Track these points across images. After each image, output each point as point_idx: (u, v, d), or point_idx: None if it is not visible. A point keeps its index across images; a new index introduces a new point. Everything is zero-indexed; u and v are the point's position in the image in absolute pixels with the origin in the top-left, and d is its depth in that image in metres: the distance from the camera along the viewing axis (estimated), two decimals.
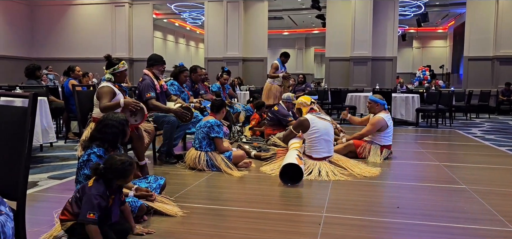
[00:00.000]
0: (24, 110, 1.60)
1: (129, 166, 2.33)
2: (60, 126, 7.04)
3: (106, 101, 3.57)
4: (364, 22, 13.14)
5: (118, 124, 2.75)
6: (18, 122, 1.61)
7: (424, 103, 9.79)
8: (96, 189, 2.24)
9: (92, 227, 2.16)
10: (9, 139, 1.63)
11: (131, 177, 2.38)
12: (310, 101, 4.59)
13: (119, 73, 3.82)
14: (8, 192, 1.59)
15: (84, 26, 15.04)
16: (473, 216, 2.94)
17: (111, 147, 2.80)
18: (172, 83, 5.40)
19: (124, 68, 3.84)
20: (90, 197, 2.20)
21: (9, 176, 1.60)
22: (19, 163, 1.56)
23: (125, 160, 2.32)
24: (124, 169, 2.30)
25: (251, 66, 14.34)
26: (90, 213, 2.17)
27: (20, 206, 1.58)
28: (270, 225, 2.72)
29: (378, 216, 2.93)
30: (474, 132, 8.07)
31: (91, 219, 2.16)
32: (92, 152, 2.71)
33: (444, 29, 22.72)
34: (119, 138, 2.76)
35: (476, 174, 4.38)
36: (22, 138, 1.57)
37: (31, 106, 1.57)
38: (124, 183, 2.39)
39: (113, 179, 2.29)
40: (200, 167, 4.23)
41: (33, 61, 12.47)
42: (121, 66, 3.81)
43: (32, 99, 1.58)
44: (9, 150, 1.62)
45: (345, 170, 4.25)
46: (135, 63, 14.66)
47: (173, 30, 22.26)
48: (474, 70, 13.02)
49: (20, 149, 1.58)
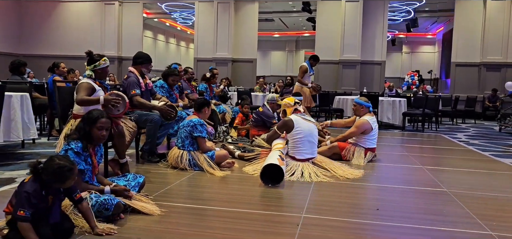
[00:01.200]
0: None
1: (67, 172, 2.21)
2: (44, 123, 6.94)
3: (82, 94, 3.52)
4: (353, 26, 13.22)
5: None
6: None
7: (411, 108, 9.85)
8: (30, 187, 2.17)
9: (23, 224, 2.12)
10: None
11: (69, 182, 2.25)
12: (293, 101, 4.58)
13: (100, 70, 3.78)
14: None
15: (73, 23, 14.90)
16: (452, 219, 2.95)
17: (89, 143, 2.76)
18: (162, 85, 5.31)
19: (105, 65, 3.79)
20: (21, 194, 2.15)
21: None
22: None
23: (63, 165, 2.21)
24: (61, 174, 2.19)
25: (240, 67, 14.33)
26: (20, 210, 2.12)
27: None
28: (248, 225, 2.70)
29: (357, 217, 2.93)
30: (459, 137, 8.14)
31: (20, 216, 2.11)
32: (69, 148, 2.67)
33: (433, 35, 22.95)
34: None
35: (458, 177, 4.41)
36: None
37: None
38: (63, 186, 2.27)
39: (49, 181, 2.22)
40: (182, 166, 4.20)
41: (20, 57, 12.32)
42: (102, 63, 3.77)
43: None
44: None
45: (328, 171, 4.25)
46: (124, 61, 14.56)
47: (163, 29, 22.17)
48: (461, 76, 13.16)
49: None
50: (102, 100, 3.51)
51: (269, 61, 25.68)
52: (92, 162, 2.80)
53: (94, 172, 2.84)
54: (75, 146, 2.68)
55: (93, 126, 2.74)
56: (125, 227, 2.55)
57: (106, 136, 2.82)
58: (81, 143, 2.71)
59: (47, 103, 6.38)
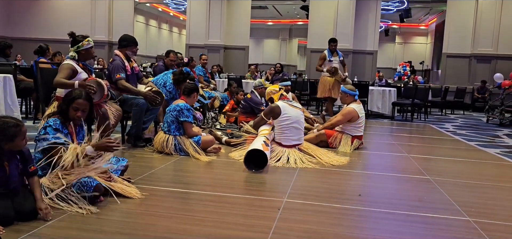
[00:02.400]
0: None
1: (13, 127, 2.21)
2: (30, 107, 6.87)
3: (61, 76, 3.48)
4: (346, 15, 13.17)
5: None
6: None
7: (401, 98, 9.89)
8: None
9: None
10: None
11: (19, 140, 2.24)
12: (278, 88, 4.57)
13: (84, 51, 3.73)
14: None
15: (63, 6, 14.69)
16: (432, 206, 2.97)
17: (66, 120, 2.74)
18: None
19: (89, 46, 3.73)
20: None
21: None
22: None
23: (8, 121, 2.22)
24: (7, 130, 2.19)
25: (232, 54, 14.25)
26: None
27: None
28: (228, 209, 2.70)
29: (339, 203, 2.94)
30: (447, 127, 8.20)
31: None
32: (48, 125, 2.65)
33: (426, 26, 22.98)
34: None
35: (442, 166, 4.45)
36: None
37: None
38: (13, 147, 2.26)
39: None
40: (167, 151, 4.18)
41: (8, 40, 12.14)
42: (85, 43, 3.71)
43: None
44: None
45: (313, 158, 4.26)
46: (114, 46, 14.38)
47: (156, 15, 21.93)
48: (452, 67, 13.21)
49: None
50: (77, 85, 3.44)
51: (262, 49, 25.57)
52: (72, 142, 2.77)
53: None
54: (53, 122, 2.67)
55: (69, 105, 2.72)
56: (104, 208, 2.54)
57: (81, 117, 2.79)
58: (59, 120, 2.69)
59: (33, 86, 6.30)
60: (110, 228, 2.29)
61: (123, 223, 2.39)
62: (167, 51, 6.22)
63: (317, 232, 2.36)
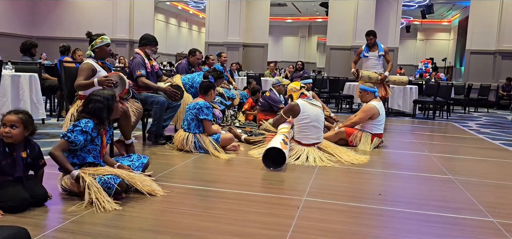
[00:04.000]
0: None
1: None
2: (54, 104, 7.04)
3: (81, 78, 3.55)
4: (367, 11, 13.03)
5: (103, 98, 2.80)
6: None
7: (422, 95, 9.73)
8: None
9: None
10: None
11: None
12: (299, 86, 4.56)
13: (98, 49, 3.79)
14: None
15: (85, 6, 14.98)
16: (455, 206, 2.93)
17: (100, 122, 2.80)
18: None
19: (102, 43, 3.79)
20: None
21: None
22: None
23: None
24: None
25: (251, 52, 14.27)
26: None
27: None
28: (249, 207, 2.72)
29: (359, 202, 2.92)
30: (470, 125, 8.03)
31: None
32: (78, 125, 2.71)
33: (448, 22, 22.51)
34: (103, 112, 2.81)
35: (464, 165, 4.36)
36: None
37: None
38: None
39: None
40: (187, 149, 4.23)
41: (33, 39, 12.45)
42: (98, 42, 3.77)
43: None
44: None
45: (333, 156, 4.24)
46: (135, 45, 14.59)
47: (175, 13, 22.13)
48: (476, 64, 12.92)
49: None
50: (96, 82, 3.52)
51: (281, 47, 25.52)
52: (101, 142, 2.84)
53: (102, 152, 2.89)
54: (85, 124, 2.72)
55: (111, 108, 2.89)
56: (127, 206, 2.59)
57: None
58: (93, 122, 2.75)
59: (57, 84, 6.46)
60: (132, 224, 2.33)
61: (145, 220, 2.43)
62: (192, 49, 6.27)
63: (337, 231, 2.36)
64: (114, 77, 3.61)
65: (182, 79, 5.30)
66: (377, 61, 6.75)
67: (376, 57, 6.74)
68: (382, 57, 6.74)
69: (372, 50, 6.77)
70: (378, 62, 6.74)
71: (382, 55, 6.73)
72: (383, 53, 6.75)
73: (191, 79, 5.28)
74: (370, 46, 6.76)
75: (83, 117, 2.77)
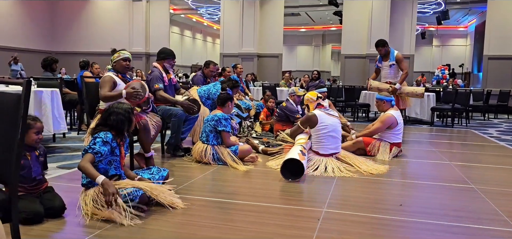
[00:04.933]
0: (19, 96, 1.63)
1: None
2: (74, 118, 7.18)
3: (106, 90, 3.65)
4: (381, 19, 12.98)
5: (123, 111, 2.86)
6: (13, 108, 1.65)
7: (440, 103, 9.61)
8: None
9: None
10: (5, 124, 1.67)
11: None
12: (316, 96, 4.56)
13: (115, 63, 3.89)
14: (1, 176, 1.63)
15: (103, 21, 15.28)
16: (477, 216, 2.88)
17: (118, 134, 2.86)
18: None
19: (119, 58, 3.89)
20: None
21: (3, 161, 1.64)
22: (12, 148, 1.60)
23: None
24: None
25: (266, 62, 14.33)
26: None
27: (12, 191, 1.62)
28: (269, 219, 2.72)
29: (379, 213, 2.90)
30: (490, 132, 7.89)
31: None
32: (99, 136, 2.76)
33: (465, 27, 22.25)
34: (124, 125, 2.88)
35: (486, 174, 4.29)
36: (15, 123, 1.61)
37: (24, 93, 1.61)
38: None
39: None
40: (206, 160, 4.26)
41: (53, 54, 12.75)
42: (116, 57, 3.89)
43: (26, 86, 1.61)
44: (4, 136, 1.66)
45: (351, 166, 4.21)
46: (151, 57, 14.81)
47: (190, 25, 22.41)
48: (494, 70, 12.70)
49: (13, 134, 1.61)
50: (124, 94, 3.61)
51: (295, 56, 25.56)
52: (120, 153, 2.89)
53: (121, 163, 2.94)
54: (104, 135, 2.77)
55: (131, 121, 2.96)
56: (148, 218, 2.62)
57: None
58: (111, 133, 2.81)
59: (77, 99, 6.59)
60: (153, 237, 2.36)
61: (166, 233, 2.45)
62: (206, 61, 6.30)
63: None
64: (136, 84, 3.71)
65: (198, 91, 5.35)
66: (389, 70, 6.36)
67: (388, 67, 6.37)
68: (395, 66, 6.32)
69: (384, 59, 6.41)
70: (391, 72, 6.35)
71: (394, 65, 6.31)
72: (394, 62, 6.30)
73: (207, 91, 5.32)
74: (383, 56, 6.40)
75: (100, 130, 2.83)
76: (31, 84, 1.63)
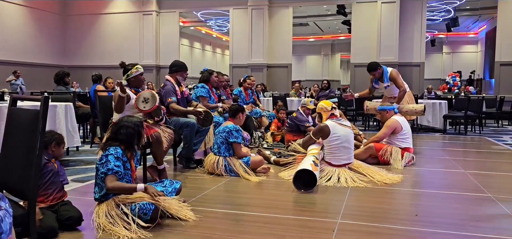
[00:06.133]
0: (37, 112, 1.65)
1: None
2: (87, 131, 7.24)
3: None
4: (390, 27, 12.93)
5: (133, 125, 2.87)
6: (31, 124, 1.67)
7: (452, 110, 9.51)
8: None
9: None
10: (24, 140, 1.69)
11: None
12: (330, 106, 4.53)
13: (133, 78, 3.94)
14: (20, 191, 1.65)
15: (113, 34, 15.46)
16: (496, 225, 2.83)
17: (128, 148, 2.86)
18: (203, 86, 5.52)
19: (137, 73, 3.94)
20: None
21: (22, 176, 1.66)
22: (31, 163, 1.62)
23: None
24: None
25: (275, 72, 14.34)
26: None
27: (31, 205, 1.63)
28: (283, 231, 2.71)
29: (395, 223, 2.86)
30: (504, 139, 7.78)
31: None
32: (109, 153, 2.77)
33: (475, 34, 22.06)
34: (134, 139, 2.87)
35: (503, 182, 4.22)
36: (34, 139, 1.63)
37: (42, 109, 1.63)
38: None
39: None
40: (218, 172, 4.25)
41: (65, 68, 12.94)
42: (134, 71, 3.93)
43: (43, 102, 1.63)
44: (23, 151, 1.68)
45: (365, 176, 4.18)
46: (162, 70, 14.92)
47: (199, 37, 22.56)
48: (507, 76, 12.54)
49: (32, 150, 1.63)
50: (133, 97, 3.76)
51: (304, 66, 25.56)
52: (130, 166, 2.90)
53: (132, 176, 2.94)
54: (114, 151, 2.78)
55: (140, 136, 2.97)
56: (162, 231, 2.62)
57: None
58: (120, 148, 2.81)
59: (90, 112, 6.66)
60: None
61: None
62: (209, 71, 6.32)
63: None
64: (147, 94, 3.75)
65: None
66: (390, 90, 6.05)
67: (384, 88, 6.13)
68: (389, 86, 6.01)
69: (380, 80, 6.13)
70: (392, 90, 6.02)
71: (388, 86, 6.00)
72: (388, 84, 5.98)
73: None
74: (378, 78, 6.15)
75: (110, 145, 2.83)
76: (48, 101, 1.65)
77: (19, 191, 1.67)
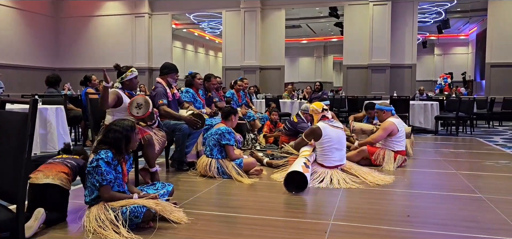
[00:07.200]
0: (26, 115, 1.63)
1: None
2: (79, 134, 7.19)
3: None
4: (382, 29, 13.01)
5: (121, 129, 2.82)
6: (20, 127, 1.65)
7: (443, 111, 9.58)
8: None
9: None
10: (12, 143, 1.67)
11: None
12: (322, 108, 4.54)
13: (128, 81, 3.91)
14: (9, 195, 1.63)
15: (106, 37, 15.38)
16: (487, 226, 2.85)
17: (118, 152, 2.83)
18: (187, 91, 5.47)
19: (132, 76, 3.92)
20: None
21: (11, 180, 1.64)
22: (20, 167, 1.60)
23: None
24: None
25: (268, 74, 14.36)
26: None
27: (20, 208, 1.61)
28: (275, 233, 2.70)
29: (387, 224, 2.87)
30: (495, 140, 7.85)
31: None
32: (100, 158, 2.74)
33: (466, 36, 22.27)
34: (121, 143, 2.82)
35: (494, 182, 4.25)
36: (22, 142, 1.61)
37: (31, 112, 1.61)
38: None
39: None
40: (210, 174, 4.24)
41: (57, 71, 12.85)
42: (128, 74, 3.91)
43: (32, 105, 1.62)
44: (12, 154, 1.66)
45: (357, 178, 4.19)
46: (154, 72, 14.87)
47: (192, 39, 22.53)
48: (497, 77, 12.68)
49: (21, 153, 1.61)
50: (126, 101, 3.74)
51: (297, 68, 25.63)
52: (122, 170, 2.87)
53: (124, 180, 2.92)
54: (105, 155, 2.75)
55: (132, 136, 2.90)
56: (154, 234, 2.60)
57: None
58: (111, 152, 2.78)
59: (81, 115, 6.61)
60: None
61: None
62: (207, 75, 6.29)
63: None
64: (140, 99, 3.73)
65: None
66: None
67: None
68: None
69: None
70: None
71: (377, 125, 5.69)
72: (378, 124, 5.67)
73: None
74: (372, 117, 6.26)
75: (100, 148, 2.80)
76: (37, 103, 1.63)
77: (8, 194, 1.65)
